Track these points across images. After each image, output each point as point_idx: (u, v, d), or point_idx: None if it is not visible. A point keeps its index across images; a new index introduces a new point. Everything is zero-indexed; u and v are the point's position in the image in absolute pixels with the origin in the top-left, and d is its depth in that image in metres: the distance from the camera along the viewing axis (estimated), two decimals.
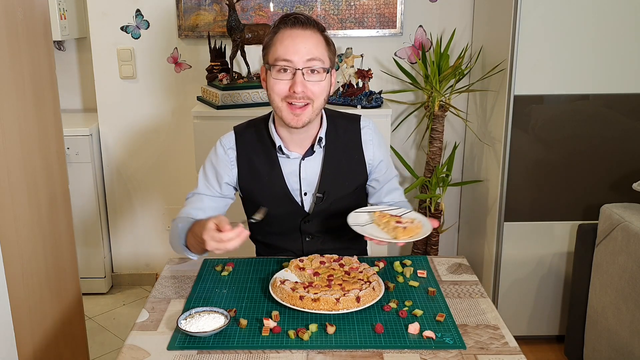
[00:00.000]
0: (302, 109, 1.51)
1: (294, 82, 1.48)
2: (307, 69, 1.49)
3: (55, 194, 1.88)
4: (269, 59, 1.52)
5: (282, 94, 1.51)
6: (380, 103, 2.63)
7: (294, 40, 1.48)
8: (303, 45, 1.48)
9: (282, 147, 1.61)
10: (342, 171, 1.65)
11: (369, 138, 1.68)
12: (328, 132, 1.63)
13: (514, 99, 2.38)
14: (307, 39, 1.49)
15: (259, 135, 1.65)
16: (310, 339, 1.26)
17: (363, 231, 1.46)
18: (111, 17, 2.90)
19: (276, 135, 1.61)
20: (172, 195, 3.13)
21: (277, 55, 1.49)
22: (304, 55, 1.48)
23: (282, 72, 1.50)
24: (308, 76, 1.49)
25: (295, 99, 1.49)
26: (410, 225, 1.45)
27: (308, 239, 1.68)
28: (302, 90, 1.48)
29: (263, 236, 1.74)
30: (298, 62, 1.48)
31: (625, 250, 2.04)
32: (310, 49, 1.48)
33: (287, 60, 1.48)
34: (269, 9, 2.85)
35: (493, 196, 2.58)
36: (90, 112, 3.17)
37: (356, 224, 1.50)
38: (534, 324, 2.64)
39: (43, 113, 1.81)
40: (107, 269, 3.17)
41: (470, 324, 1.34)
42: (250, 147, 1.65)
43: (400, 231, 1.43)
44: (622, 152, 2.43)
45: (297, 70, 1.48)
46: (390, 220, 1.48)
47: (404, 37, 2.91)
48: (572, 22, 2.30)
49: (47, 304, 1.81)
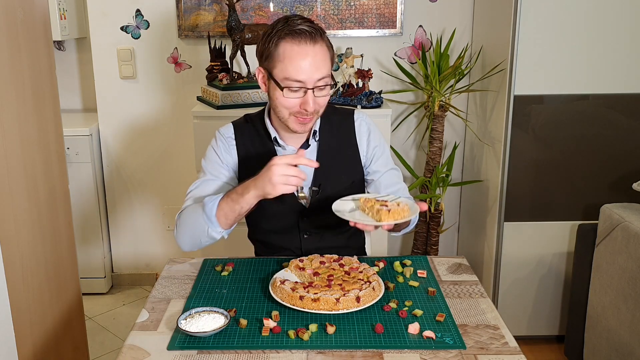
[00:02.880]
0: (309, 118, 1.53)
1: (305, 100, 1.48)
2: (317, 88, 1.49)
3: (55, 193, 1.88)
4: (277, 74, 1.49)
5: (292, 109, 1.51)
6: (380, 103, 2.63)
7: (306, 59, 1.46)
8: (314, 65, 1.47)
9: (277, 139, 1.62)
10: (337, 165, 1.65)
11: (364, 130, 1.68)
12: (322, 126, 1.64)
13: (514, 99, 2.38)
14: (317, 56, 1.47)
15: (255, 128, 1.67)
16: (310, 339, 1.26)
17: (346, 216, 1.43)
18: (111, 17, 2.90)
19: (271, 127, 1.63)
20: (172, 195, 3.12)
21: (287, 74, 1.47)
22: (314, 75, 1.47)
23: (293, 91, 1.49)
24: (318, 92, 1.49)
25: (305, 114, 1.51)
26: (396, 208, 1.41)
27: (306, 236, 1.68)
28: (313, 108, 1.50)
29: (262, 235, 1.74)
30: (309, 81, 1.47)
31: (625, 250, 2.04)
32: (320, 67, 1.48)
33: (299, 82, 1.47)
34: (269, 9, 2.85)
35: (493, 196, 2.58)
36: (90, 112, 3.18)
37: (341, 210, 1.47)
38: (534, 324, 2.64)
39: (43, 113, 1.81)
40: (107, 269, 3.17)
41: (470, 324, 1.34)
42: (249, 139, 1.66)
43: (385, 213, 1.39)
44: (622, 152, 2.43)
45: (308, 90, 1.48)
46: (375, 204, 1.44)
47: (404, 37, 2.91)
48: (572, 22, 2.30)
49: (47, 304, 1.81)
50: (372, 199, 1.48)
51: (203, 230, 1.52)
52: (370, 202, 1.46)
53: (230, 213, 1.48)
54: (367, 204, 1.46)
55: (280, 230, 1.68)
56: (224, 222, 1.50)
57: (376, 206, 1.43)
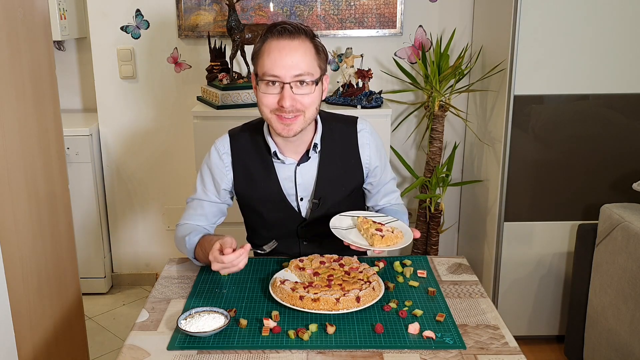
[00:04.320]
0: (292, 119, 1.49)
1: (282, 96, 1.45)
2: (295, 82, 1.46)
3: (55, 194, 1.88)
4: (257, 71, 1.50)
5: (271, 106, 1.49)
6: (380, 103, 2.63)
7: (281, 52, 1.44)
8: (290, 58, 1.44)
9: (277, 153, 1.60)
10: (339, 175, 1.64)
11: (366, 142, 1.66)
12: (323, 136, 1.62)
13: (514, 99, 2.38)
14: (295, 50, 1.45)
15: (253, 140, 1.63)
16: (310, 339, 1.26)
17: (341, 235, 1.46)
18: (111, 17, 2.90)
19: (271, 140, 1.59)
20: (172, 195, 3.13)
21: (264, 69, 1.46)
22: (291, 69, 1.44)
23: (270, 85, 1.47)
24: (297, 89, 1.46)
25: (284, 112, 1.47)
26: (390, 234, 1.44)
27: (305, 243, 1.69)
28: (290, 104, 1.46)
29: (261, 241, 1.73)
30: (285, 76, 1.44)
31: (625, 250, 2.04)
32: (298, 62, 1.45)
33: (274, 75, 1.45)
34: (269, 9, 2.85)
35: (493, 196, 2.58)
36: (90, 112, 3.17)
37: (338, 227, 1.50)
38: (534, 324, 2.64)
39: (43, 113, 1.81)
40: (107, 269, 3.17)
41: (470, 324, 1.34)
42: (245, 151, 1.63)
43: (378, 239, 1.42)
44: (622, 152, 2.43)
45: (284, 84, 1.45)
46: (371, 227, 1.47)
47: (404, 37, 2.91)
48: (572, 22, 2.30)
49: (47, 304, 1.81)
50: (370, 219, 1.51)
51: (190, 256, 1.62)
52: (367, 223, 1.49)
53: (204, 259, 1.52)
54: (364, 225, 1.49)
55: (279, 237, 1.68)
56: (202, 261, 1.57)
57: (371, 230, 1.46)
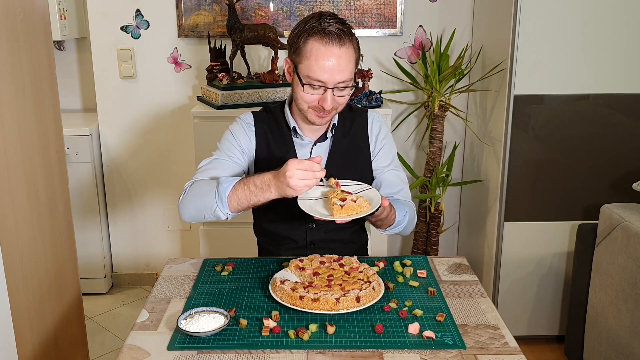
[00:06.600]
0: (328, 114, 1.58)
1: (323, 98, 1.53)
2: (337, 88, 1.53)
3: (55, 194, 1.88)
4: (301, 70, 1.54)
5: (311, 104, 1.56)
6: (380, 103, 2.63)
7: (329, 60, 1.50)
8: (337, 67, 1.50)
9: (296, 129, 1.66)
10: (348, 158, 1.69)
11: (375, 128, 1.74)
12: (339, 120, 1.69)
13: (514, 99, 2.38)
14: (341, 58, 1.51)
15: (275, 118, 1.71)
16: (310, 339, 1.26)
17: (303, 204, 1.44)
18: (111, 17, 2.90)
19: (291, 118, 1.67)
20: (172, 195, 3.12)
21: (310, 72, 1.51)
22: (336, 77, 1.51)
23: (314, 88, 1.53)
24: (337, 92, 1.54)
25: (323, 111, 1.55)
26: (351, 204, 1.42)
27: (312, 226, 1.69)
28: (331, 106, 1.54)
29: (268, 224, 1.75)
30: (330, 82, 1.51)
31: (625, 250, 2.04)
32: (343, 70, 1.51)
33: (319, 81, 1.51)
34: (269, 9, 2.85)
35: (493, 196, 2.58)
36: (90, 112, 3.17)
37: (307, 197, 1.48)
38: (534, 324, 2.64)
39: (43, 113, 1.81)
40: (107, 269, 3.17)
41: (470, 324, 1.34)
42: (268, 127, 1.70)
43: (337, 209, 1.41)
44: (622, 152, 2.43)
45: (328, 89, 1.52)
46: (336, 196, 1.45)
47: (404, 37, 2.91)
48: (572, 22, 2.30)
49: (47, 304, 1.81)
50: (339, 190, 1.48)
51: (210, 207, 1.51)
52: (333, 193, 1.47)
53: (243, 200, 1.49)
54: (331, 195, 1.46)
55: (287, 219, 1.69)
56: (234, 206, 1.50)
57: (333, 199, 1.43)
